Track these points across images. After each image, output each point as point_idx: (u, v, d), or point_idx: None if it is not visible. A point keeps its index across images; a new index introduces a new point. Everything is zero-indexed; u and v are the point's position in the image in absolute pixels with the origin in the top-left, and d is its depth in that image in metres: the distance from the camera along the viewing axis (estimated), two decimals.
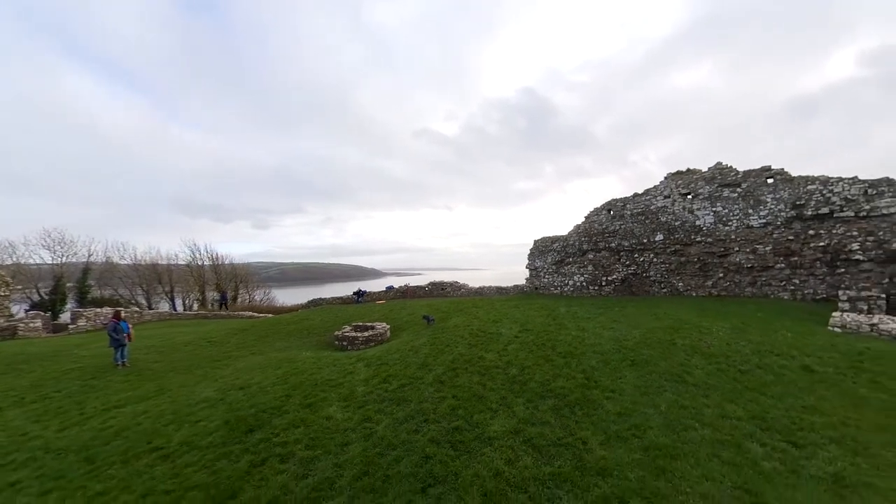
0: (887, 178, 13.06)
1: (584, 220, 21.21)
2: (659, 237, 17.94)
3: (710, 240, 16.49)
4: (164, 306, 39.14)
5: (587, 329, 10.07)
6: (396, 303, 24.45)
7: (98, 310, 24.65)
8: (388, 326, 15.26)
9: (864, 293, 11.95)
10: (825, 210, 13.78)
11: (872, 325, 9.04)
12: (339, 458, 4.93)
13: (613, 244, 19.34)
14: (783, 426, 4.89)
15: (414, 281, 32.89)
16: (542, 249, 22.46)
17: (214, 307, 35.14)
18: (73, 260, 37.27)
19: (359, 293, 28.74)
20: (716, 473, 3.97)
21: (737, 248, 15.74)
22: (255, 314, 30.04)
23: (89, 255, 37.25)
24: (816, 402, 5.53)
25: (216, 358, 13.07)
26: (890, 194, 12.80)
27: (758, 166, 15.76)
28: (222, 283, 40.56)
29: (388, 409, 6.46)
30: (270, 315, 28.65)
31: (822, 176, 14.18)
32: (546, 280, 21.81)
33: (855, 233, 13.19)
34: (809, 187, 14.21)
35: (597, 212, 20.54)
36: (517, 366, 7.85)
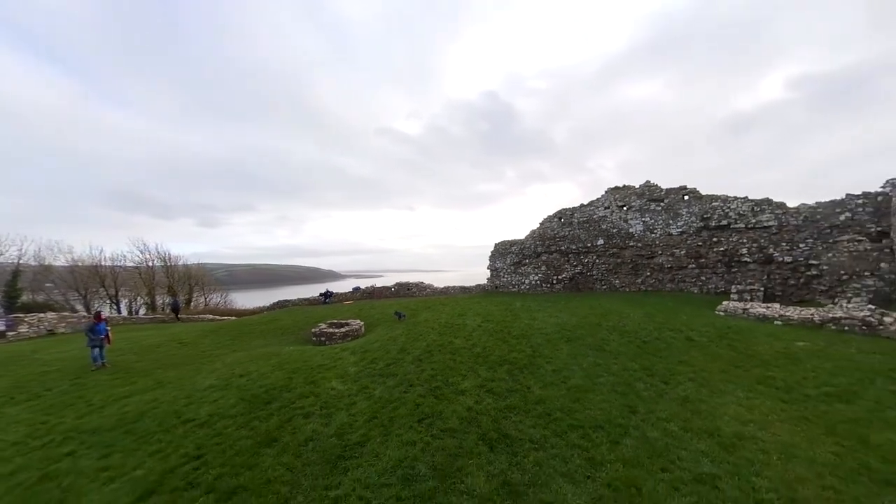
0: (767, 198, 16.74)
1: (538, 225, 23.90)
2: (600, 242, 20.93)
3: (640, 245, 19.68)
4: (105, 311, 36.89)
5: (537, 318, 12.32)
6: (364, 303, 25.63)
7: (41, 315, 23.39)
8: (363, 323, 16.60)
9: (748, 287, 15.37)
10: (724, 222, 17.29)
11: (745, 309, 12.10)
12: (351, 411, 6.53)
13: (563, 247, 22.13)
14: (661, 373, 7.23)
15: (377, 283, 34.14)
16: (502, 252, 24.87)
17: (168, 312, 33.76)
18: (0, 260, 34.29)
19: (326, 294, 29.53)
20: (611, 399, 6.13)
21: (660, 252, 19.02)
22: (217, 317, 29.77)
23: (20, 257, 34.48)
24: (688, 359, 8.01)
25: (197, 356, 13.64)
26: (769, 211, 16.46)
27: (677, 185, 19.19)
28: (175, 287, 39.10)
29: (379, 381, 8.08)
30: (234, 318, 28.58)
31: (723, 195, 17.74)
32: (505, 279, 24.22)
33: (745, 241, 16.75)
34: (714, 204, 17.71)
35: (549, 219, 23.30)
36: (480, 346, 9.80)
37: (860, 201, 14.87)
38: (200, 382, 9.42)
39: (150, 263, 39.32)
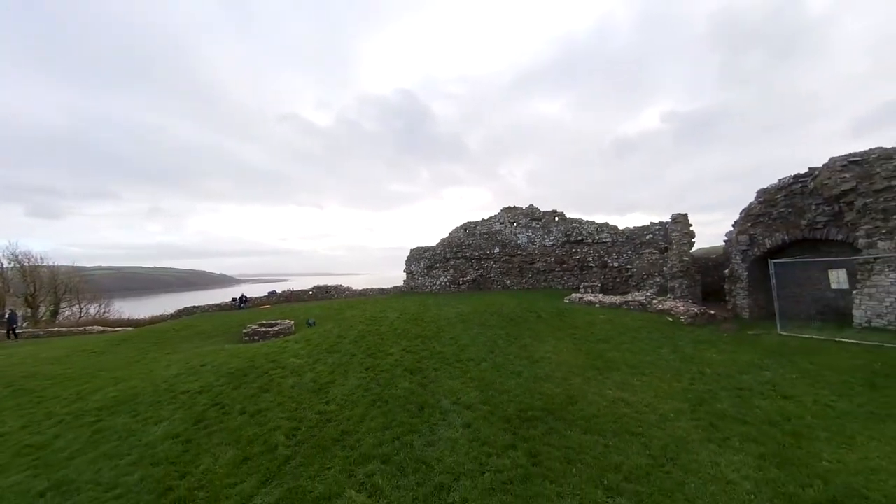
0: (607, 223, 23.95)
1: (448, 235, 28.66)
2: (496, 250, 26.49)
3: (525, 253, 25.71)
4: None
5: (443, 310, 16.69)
6: (283, 307, 27.10)
7: None
8: (293, 322, 18.79)
9: (591, 283, 22.05)
10: (579, 238, 24.11)
11: (581, 298, 18.16)
12: (314, 372, 9.69)
13: (468, 254, 27.19)
14: (515, 335, 12.04)
15: (293, 287, 35.29)
16: (417, 257, 28.99)
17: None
18: None
19: (241, 299, 29.93)
20: (482, 349, 10.58)
21: (538, 259, 25.26)
22: (108, 328, 27.81)
23: None
24: (534, 327, 13.04)
25: (130, 361, 13.46)
26: (606, 232, 23.63)
27: (550, 208, 25.70)
28: (38, 295, 34.25)
29: (327, 356, 11.20)
30: (130, 328, 27.14)
31: (580, 218, 24.65)
32: (420, 281, 28.39)
33: (591, 252, 23.70)
34: (573, 224, 24.48)
35: (457, 230, 28.24)
36: (401, 329, 13.60)
37: (657, 227, 22.67)
38: (165, 374, 10.63)
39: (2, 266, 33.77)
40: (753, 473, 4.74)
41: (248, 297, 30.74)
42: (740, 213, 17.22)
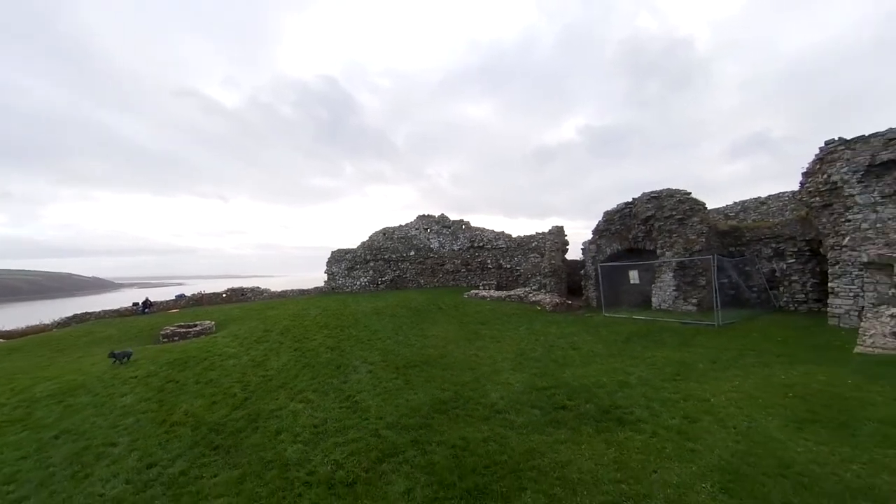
0: (503, 231, 29.27)
1: (368, 238, 31.65)
2: (412, 253, 30.29)
3: (436, 256, 29.96)
4: None
5: (361, 306, 19.95)
6: (196, 310, 27.35)
7: None
8: (214, 322, 20.08)
9: (489, 282, 27.03)
10: (481, 244, 29.08)
11: (476, 293, 22.78)
12: (249, 355, 12.25)
13: (386, 256, 30.54)
14: (418, 322, 15.87)
15: (204, 290, 34.78)
16: (338, 259, 31.44)
17: None
18: None
19: (145, 303, 29.13)
20: (390, 332, 14.19)
21: (448, 261, 29.70)
22: None
23: None
24: (433, 316, 17.05)
25: (40, 365, 13.54)
26: (503, 239, 28.92)
27: (461, 217, 30.31)
28: None
29: (258, 345, 13.63)
30: (2, 339, 24.85)
31: (482, 227, 29.65)
32: (341, 282, 30.93)
33: (490, 256, 28.81)
34: (476, 232, 29.39)
35: (377, 234, 31.42)
36: (322, 322, 16.51)
37: (541, 236, 28.56)
38: (98, 368, 11.78)
39: None
40: (524, 380, 9.05)
41: (152, 301, 29.98)
42: (592, 230, 23.36)
